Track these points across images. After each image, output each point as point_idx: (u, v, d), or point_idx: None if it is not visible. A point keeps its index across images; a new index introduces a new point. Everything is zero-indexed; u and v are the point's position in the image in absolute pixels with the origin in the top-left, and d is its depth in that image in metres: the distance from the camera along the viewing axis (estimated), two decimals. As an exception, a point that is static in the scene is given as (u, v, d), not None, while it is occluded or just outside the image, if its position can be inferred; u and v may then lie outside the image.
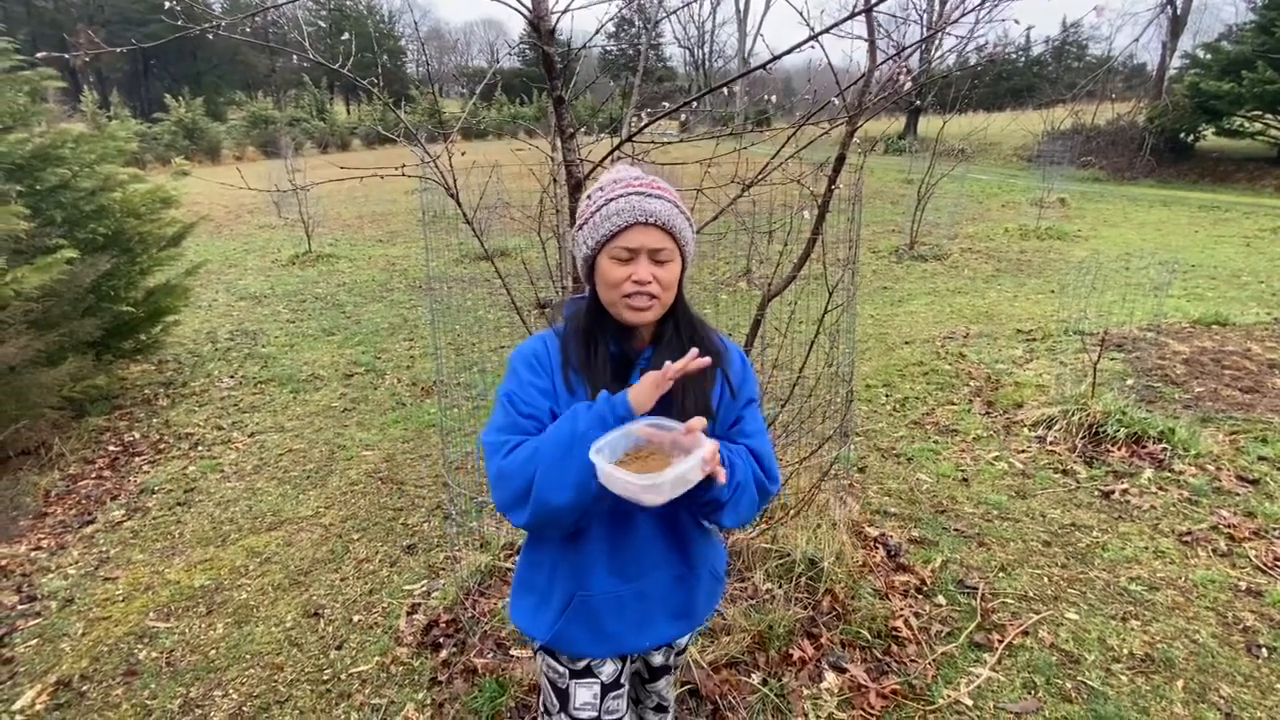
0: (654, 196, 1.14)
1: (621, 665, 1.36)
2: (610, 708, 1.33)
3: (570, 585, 1.24)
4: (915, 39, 2.29)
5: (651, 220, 1.13)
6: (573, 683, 1.32)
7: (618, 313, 1.18)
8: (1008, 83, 29.51)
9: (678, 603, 1.30)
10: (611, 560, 1.23)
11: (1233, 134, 17.64)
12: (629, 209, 1.13)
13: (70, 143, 4.47)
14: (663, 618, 1.30)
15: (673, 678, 1.59)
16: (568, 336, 1.23)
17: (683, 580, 1.29)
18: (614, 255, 1.14)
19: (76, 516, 3.37)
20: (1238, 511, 3.04)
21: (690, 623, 1.35)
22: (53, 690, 2.26)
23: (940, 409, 4.33)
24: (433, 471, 3.67)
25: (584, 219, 1.18)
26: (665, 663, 1.52)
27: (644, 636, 1.30)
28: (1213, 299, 6.74)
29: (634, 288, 1.13)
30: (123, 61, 37.44)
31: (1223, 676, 2.16)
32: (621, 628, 1.26)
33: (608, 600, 1.24)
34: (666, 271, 1.16)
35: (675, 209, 1.16)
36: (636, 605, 1.26)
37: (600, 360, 1.19)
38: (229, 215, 13.00)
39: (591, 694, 1.32)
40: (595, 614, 1.24)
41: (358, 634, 2.47)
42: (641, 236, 1.13)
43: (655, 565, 1.26)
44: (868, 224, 11.37)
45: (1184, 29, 22.48)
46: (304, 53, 2.09)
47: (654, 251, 1.14)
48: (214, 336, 6.21)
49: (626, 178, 1.18)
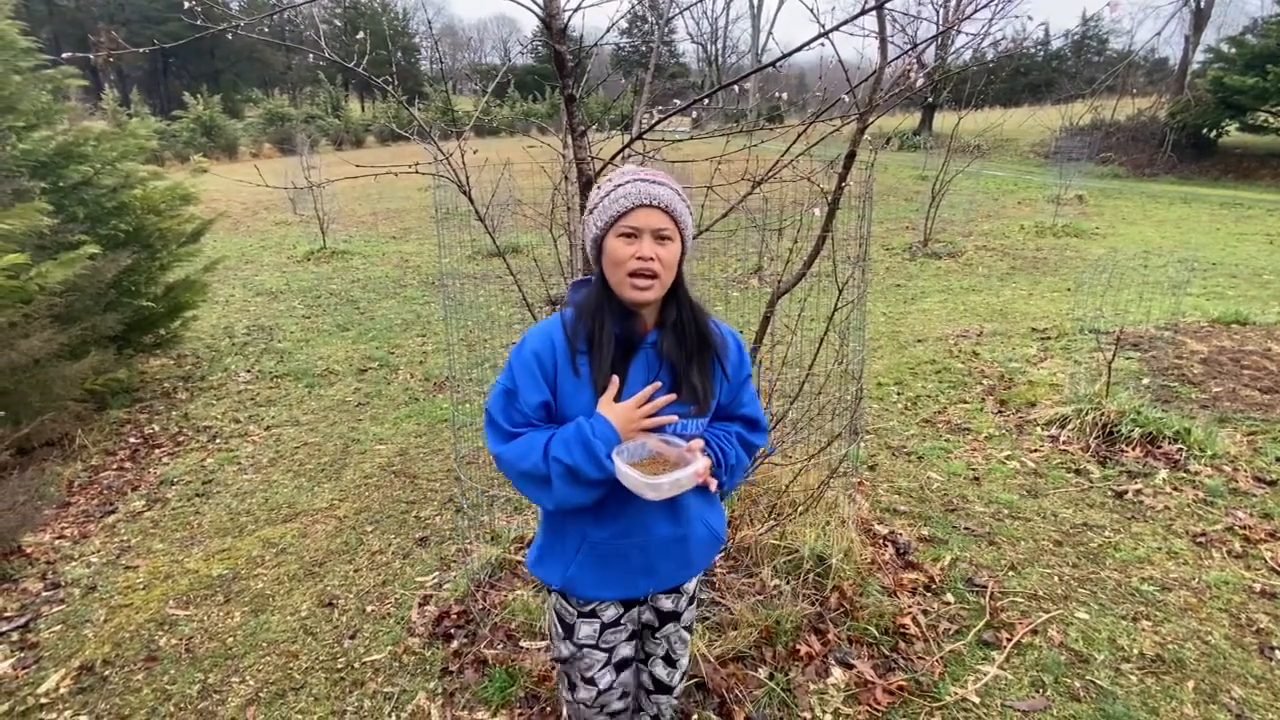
0: (657, 184, 1.27)
1: (623, 611, 1.52)
2: (607, 639, 1.52)
3: (580, 537, 1.40)
4: (928, 35, 2.27)
5: (655, 202, 1.25)
6: (579, 620, 1.50)
7: (622, 291, 1.28)
8: (1025, 78, 29.09)
9: (676, 555, 1.45)
10: (616, 520, 1.38)
11: (1257, 130, 17.31)
12: (635, 192, 1.25)
13: (92, 140, 4.55)
14: (663, 566, 1.45)
15: (681, 629, 1.61)
16: (576, 318, 1.32)
17: (680, 539, 1.44)
18: (621, 234, 1.26)
19: (98, 506, 3.45)
20: (1254, 513, 3.01)
21: (689, 570, 1.51)
22: (76, 675, 2.32)
23: (952, 407, 4.31)
24: (445, 466, 3.72)
25: (594, 206, 1.31)
26: (674, 609, 1.58)
27: (647, 581, 1.45)
28: (1233, 297, 6.64)
29: (638, 264, 1.25)
30: (143, 60, 37.94)
31: (1234, 678, 2.14)
32: (625, 573, 1.42)
33: (612, 549, 1.40)
34: (667, 251, 1.27)
35: (676, 195, 1.28)
36: (639, 555, 1.41)
37: (606, 340, 1.30)
38: (246, 212, 13.16)
39: (592, 629, 1.50)
40: (602, 560, 1.41)
41: (371, 624, 2.51)
42: (646, 216, 1.25)
43: (654, 525, 1.40)
44: (881, 221, 11.30)
45: (1207, 22, 22.06)
46: (320, 51, 2.13)
47: (657, 230, 1.26)
48: (231, 331, 6.31)
49: (632, 170, 1.32)
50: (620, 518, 1.37)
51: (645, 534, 1.39)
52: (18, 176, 3.89)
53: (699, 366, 1.34)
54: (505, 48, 53.61)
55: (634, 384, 1.31)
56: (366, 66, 2.16)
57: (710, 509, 1.51)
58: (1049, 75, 29.53)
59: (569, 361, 1.30)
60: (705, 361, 1.36)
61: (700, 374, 1.34)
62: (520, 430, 1.31)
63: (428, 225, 11.60)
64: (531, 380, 1.30)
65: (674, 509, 1.40)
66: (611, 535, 1.38)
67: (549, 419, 1.33)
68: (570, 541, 1.41)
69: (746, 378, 1.46)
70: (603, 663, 1.52)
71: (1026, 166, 19.09)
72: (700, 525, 1.46)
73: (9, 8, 4.29)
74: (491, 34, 66.83)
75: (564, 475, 1.25)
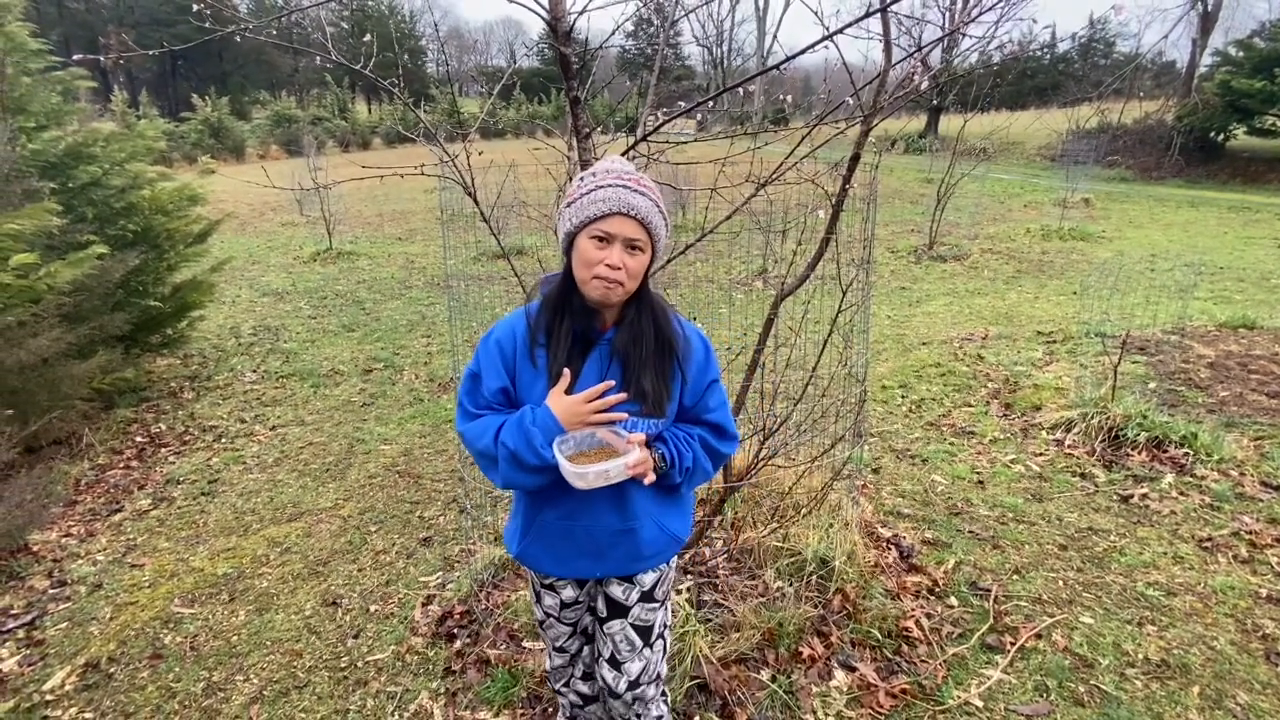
0: (638, 192, 1.27)
1: (579, 591, 1.60)
2: (566, 616, 1.62)
3: (532, 514, 1.47)
4: (933, 38, 2.27)
5: (632, 213, 1.26)
6: (542, 590, 1.61)
7: (586, 290, 1.30)
8: (1032, 81, 29.01)
9: (625, 545, 1.46)
10: (563, 504, 1.42)
11: (1265, 133, 17.20)
12: (614, 199, 1.25)
13: (101, 141, 4.59)
14: (612, 554, 1.47)
15: (629, 628, 1.54)
16: (539, 311, 1.38)
17: (628, 532, 1.45)
18: (593, 236, 1.27)
19: (105, 505, 3.48)
20: (1260, 518, 2.99)
21: (640, 563, 1.50)
22: (81, 672, 2.33)
23: (957, 410, 4.30)
24: (449, 466, 3.73)
25: (572, 199, 1.31)
26: (624, 601, 1.54)
27: (596, 565, 1.48)
28: (1241, 302, 6.60)
29: (606, 270, 1.26)
30: (152, 62, 38.20)
31: (1240, 683, 2.13)
32: (573, 553, 1.47)
33: (561, 530, 1.45)
34: (636, 261, 1.29)
35: (655, 207, 1.29)
36: (586, 538, 1.45)
37: (564, 335, 1.34)
38: (253, 213, 13.23)
39: (554, 601, 1.60)
40: (551, 539, 1.47)
41: (374, 623, 2.52)
42: (620, 225, 1.26)
43: (600, 513, 1.43)
44: (887, 224, 11.28)
45: (1215, 25, 21.97)
46: (327, 54, 2.14)
47: (629, 240, 1.27)
48: (238, 332, 6.34)
49: (617, 169, 1.31)
50: (566, 501, 1.41)
51: (591, 520, 1.43)
52: (27, 177, 3.92)
53: (654, 367, 1.35)
54: (511, 50, 53.73)
55: (587, 379, 1.34)
56: (373, 69, 2.17)
57: (667, 509, 1.49)
58: (1056, 78, 29.46)
59: (528, 352, 1.36)
60: (662, 363, 1.36)
61: (653, 376, 1.35)
62: (482, 412, 1.38)
63: (433, 226, 11.64)
64: (492, 367, 1.37)
65: (620, 501, 1.42)
66: (559, 517, 1.44)
67: (509, 404, 1.39)
68: (525, 518, 1.49)
69: (712, 382, 1.45)
70: (568, 634, 1.65)
71: (1033, 169, 19.03)
72: (650, 523, 1.46)
73: (19, 10, 4.33)
74: (498, 36, 67.07)
75: (508, 459, 1.31)
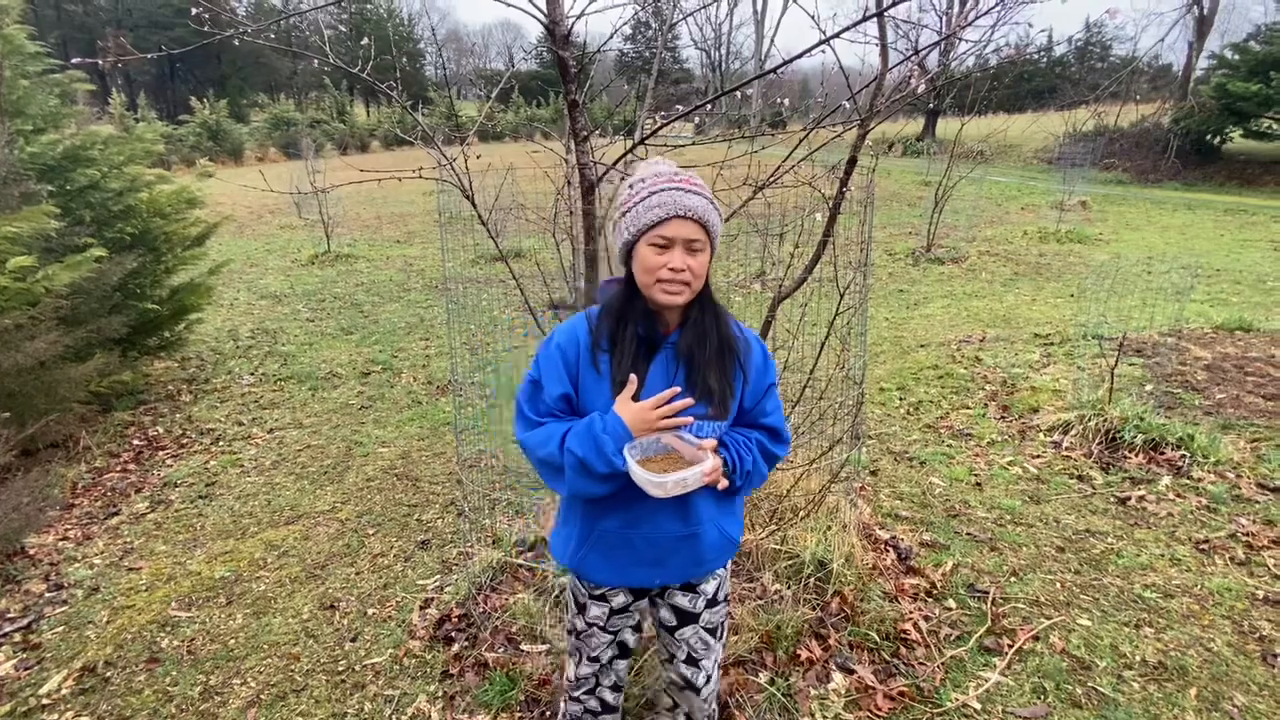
0: (691, 192, 1.27)
1: (633, 600, 1.55)
2: (614, 623, 1.56)
3: (590, 522, 1.44)
4: (930, 42, 2.28)
5: (689, 214, 1.26)
6: (590, 601, 1.55)
7: (651, 295, 1.30)
8: (1029, 84, 29.12)
9: (686, 552, 1.45)
10: (626, 511, 1.39)
11: (1261, 136, 17.27)
12: (670, 202, 1.26)
13: (99, 144, 4.59)
14: (672, 561, 1.45)
15: (702, 630, 1.58)
16: (600, 317, 1.37)
17: (691, 537, 1.43)
18: (653, 243, 1.27)
19: (102, 508, 3.47)
20: (1257, 519, 3.00)
21: (700, 569, 1.49)
22: (78, 676, 2.33)
23: (955, 413, 4.31)
24: (447, 469, 3.72)
25: (626, 208, 1.31)
26: (691, 609, 1.55)
27: (655, 573, 1.46)
28: (1237, 304, 6.62)
29: (670, 274, 1.27)
30: (150, 64, 38.20)
31: (1237, 685, 2.14)
32: (633, 562, 1.44)
33: (621, 539, 1.42)
34: (698, 260, 1.29)
35: (709, 204, 1.30)
36: (646, 547, 1.42)
37: (629, 340, 1.33)
38: (251, 215, 13.22)
39: (602, 610, 1.55)
40: (611, 548, 1.44)
41: (372, 627, 2.52)
42: (679, 228, 1.26)
43: (662, 520, 1.41)
44: (885, 226, 11.30)
45: (1211, 29, 22.07)
46: (325, 57, 2.15)
47: (689, 241, 1.27)
48: (235, 334, 6.34)
49: (666, 173, 1.32)
50: (628, 509, 1.38)
51: (653, 528, 1.40)
52: (25, 180, 3.92)
53: (717, 368, 1.35)
54: (510, 53, 53.84)
55: (653, 383, 1.33)
56: (371, 72, 2.18)
57: (725, 513, 1.50)
58: (1053, 81, 29.56)
59: (590, 358, 1.34)
60: (725, 364, 1.36)
61: (718, 376, 1.35)
62: (543, 420, 1.36)
63: (432, 229, 11.65)
64: (554, 372, 1.35)
65: (683, 508, 1.40)
66: (620, 525, 1.41)
67: (571, 411, 1.37)
68: (582, 527, 1.45)
69: (770, 385, 1.45)
70: (607, 643, 1.59)
71: (1030, 172, 19.08)
72: (712, 527, 1.45)
73: (17, 12, 4.34)
74: (496, 39, 67.11)
75: (576, 467, 1.29)
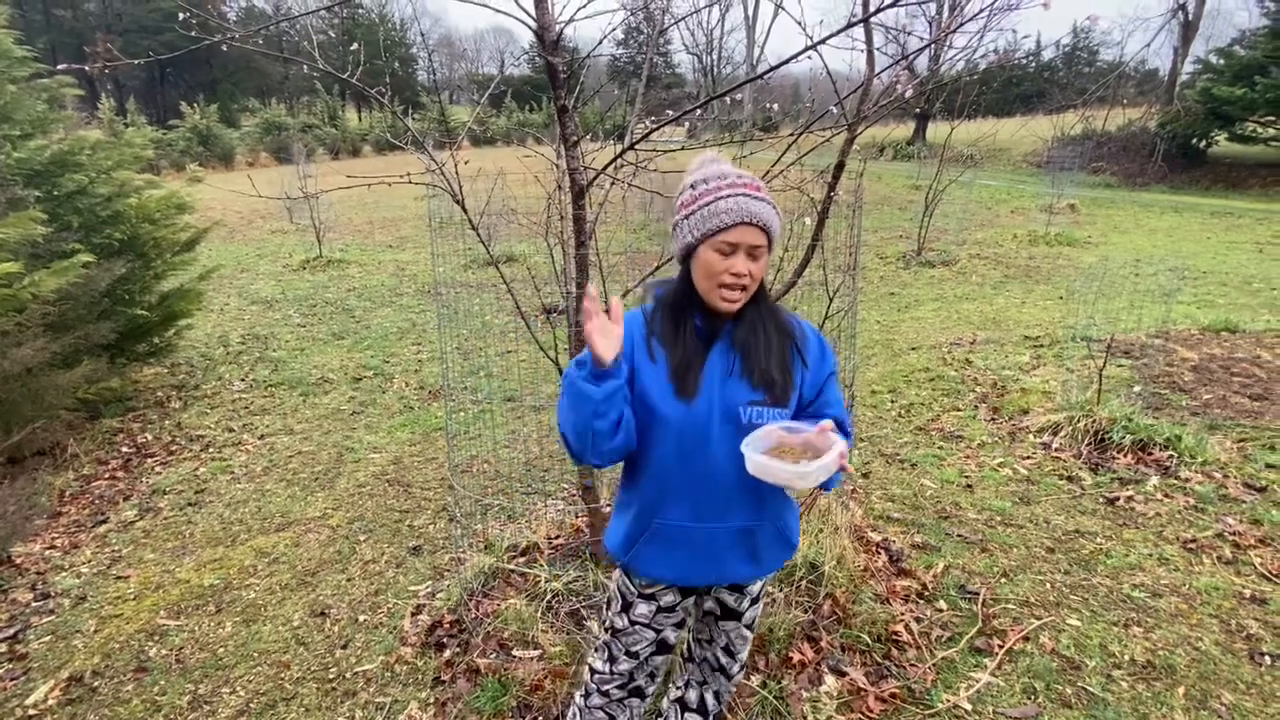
0: (758, 199, 1.28)
1: (681, 599, 1.53)
2: (659, 621, 1.54)
3: (650, 516, 1.41)
4: (918, 47, 2.31)
5: (756, 222, 1.27)
6: (638, 599, 1.53)
7: (710, 299, 1.32)
8: (1018, 88, 29.37)
9: (744, 549, 1.43)
10: (690, 502, 1.38)
11: (1246, 140, 17.48)
12: (738, 209, 1.26)
13: (87, 149, 4.56)
14: (729, 559, 1.43)
15: (742, 626, 1.62)
16: (656, 311, 1.40)
17: (749, 532, 1.42)
18: (717, 248, 1.28)
19: (90, 516, 3.44)
20: (1244, 519, 3.03)
21: (754, 568, 1.47)
22: (65, 686, 2.30)
23: (945, 415, 4.33)
24: (439, 474, 3.71)
25: (690, 210, 1.31)
26: (736, 607, 1.59)
27: (710, 571, 1.44)
28: (1223, 306, 6.69)
29: (732, 279, 1.28)
30: (140, 69, 38.01)
31: (1225, 684, 2.15)
32: (690, 558, 1.42)
33: (681, 533, 1.40)
34: (759, 265, 1.31)
35: (773, 210, 1.31)
36: (705, 543, 1.41)
37: (687, 332, 1.35)
38: (242, 220, 13.16)
39: (649, 609, 1.53)
40: (669, 542, 1.41)
41: (363, 634, 2.50)
42: (745, 234, 1.27)
43: (727, 513, 1.39)
44: (875, 230, 11.37)
45: (1196, 34, 22.33)
46: (314, 63, 2.14)
47: (752, 248, 1.29)
48: (226, 340, 6.30)
49: (730, 175, 1.32)
50: (694, 501, 1.38)
51: (717, 520, 1.39)
52: (12, 185, 3.89)
53: (776, 354, 1.36)
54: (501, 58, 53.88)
55: (710, 372, 1.35)
56: (362, 77, 2.18)
57: (786, 510, 1.50)
58: (1041, 86, 29.83)
59: (645, 345, 1.37)
60: (783, 349, 1.38)
61: (777, 361, 1.36)
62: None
63: (424, 234, 11.62)
64: None
65: (755, 499, 1.40)
66: (683, 517, 1.39)
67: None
68: (641, 522, 1.43)
69: (830, 374, 1.45)
70: (650, 640, 1.57)
71: (1019, 176, 19.24)
72: (771, 525, 1.45)
73: (4, 17, 4.31)
74: (489, 44, 67.09)
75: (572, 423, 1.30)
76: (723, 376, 1.34)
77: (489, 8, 1.91)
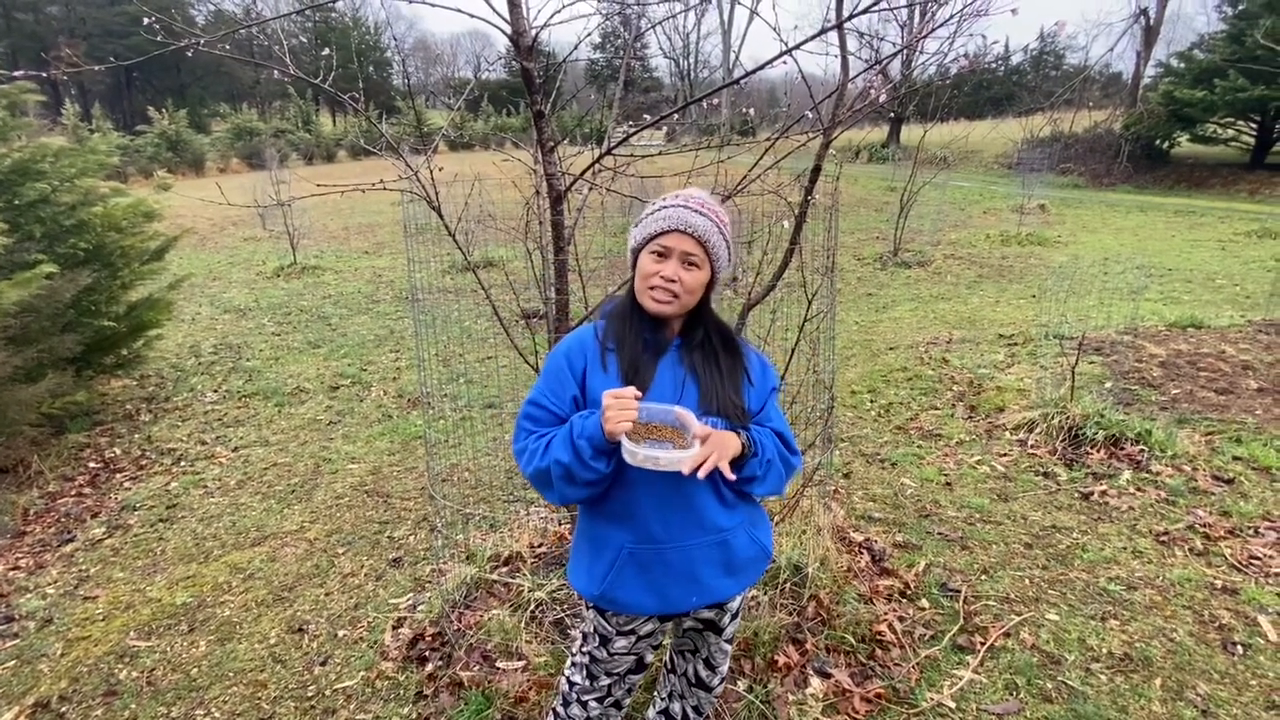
0: (698, 213, 1.34)
1: (658, 625, 1.54)
2: (639, 648, 1.55)
3: (619, 541, 1.40)
4: (891, 52, 2.33)
5: (688, 230, 1.33)
6: (616, 635, 1.53)
7: (642, 300, 1.37)
8: (988, 92, 29.95)
9: (719, 562, 1.43)
10: (657, 517, 1.38)
11: (1206, 140, 18.04)
12: (674, 216, 1.34)
13: (50, 157, 4.43)
14: (706, 574, 1.42)
15: (722, 641, 1.64)
16: (607, 321, 1.43)
17: (722, 542, 1.43)
18: (652, 251, 1.36)
19: (55, 535, 3.33)
20: (1213, 511, 3.10)
21: (733, 582, 1.47)
22: (30, 712, 2.22)
23: (924, 414, 4.38)
24: (419, 484, 3.66)
25: (640, 219, 1.40)
26: (715, 621, 1.60)
27: (689, 592, 1.43)
28: (1188, 302, 6.87)
29: (661, 282, 1.33)
30: (105, 74, 37.14)
31: (1199, 674, 2.20)
32: (667, 581, 1.40)
33: (654, 554, 1.39)
34: (692, 276, 1.35)
35: (714, 228, 1.35)
36: (679, 561, 1.40)
37: (634, 338, 1.38)
38: (213, 228, 12.91)
39: (628, 641, 1.54)
40: (641, 567, 1.40)
41: (342, 649, 2.45)
42: (678, 240, 1.34)
43: (697, 524, 1.40)
44: (852, 231, 11.49)
45: (1157, 39, 22.97)
46: (285, 68, 2.10)
47: (686, 255, 1.34)
48: (197, 350, 6.16)
49: (688, 194, 1.39)
50: (656, 526, 1.38)
51: (686, 533, 1.39)
52: (-30, 195, 3.77)
53: (726, 373, 1.40)
54: (478, 62, 53.58)
55: (661, 381, 1.37)
56: (335, 82, 2.14)
57: (754, 518, 1.51)
58: (1010, 89, 30.46)
59: (598, 359, 1.39)
60: (732, 370, 1.41)
61: (731, 385, 1.39)
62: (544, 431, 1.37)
63: (401, 239, 11.48)
64: (558, 380, 1.39)
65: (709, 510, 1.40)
66: (652, 536, 1.38)
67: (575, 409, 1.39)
68: (608, 552, 1.41)
69: (773, 389, 1.49)
70: (630, 663, 1.58)
71: (991, 177, 19.61)
72: (742, 532, 1.45)
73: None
74: (465, 49, 66.69)
75: (561, 475, 1.30)
76: (674, 391, 1.37)
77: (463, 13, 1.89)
